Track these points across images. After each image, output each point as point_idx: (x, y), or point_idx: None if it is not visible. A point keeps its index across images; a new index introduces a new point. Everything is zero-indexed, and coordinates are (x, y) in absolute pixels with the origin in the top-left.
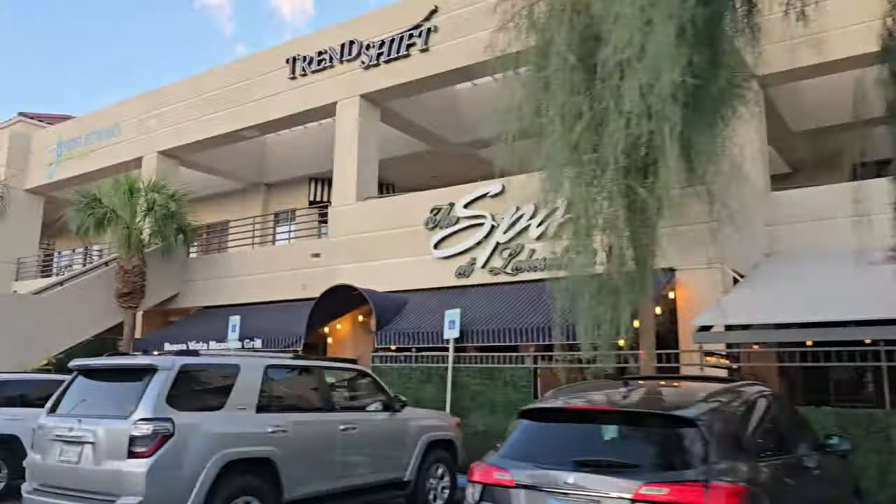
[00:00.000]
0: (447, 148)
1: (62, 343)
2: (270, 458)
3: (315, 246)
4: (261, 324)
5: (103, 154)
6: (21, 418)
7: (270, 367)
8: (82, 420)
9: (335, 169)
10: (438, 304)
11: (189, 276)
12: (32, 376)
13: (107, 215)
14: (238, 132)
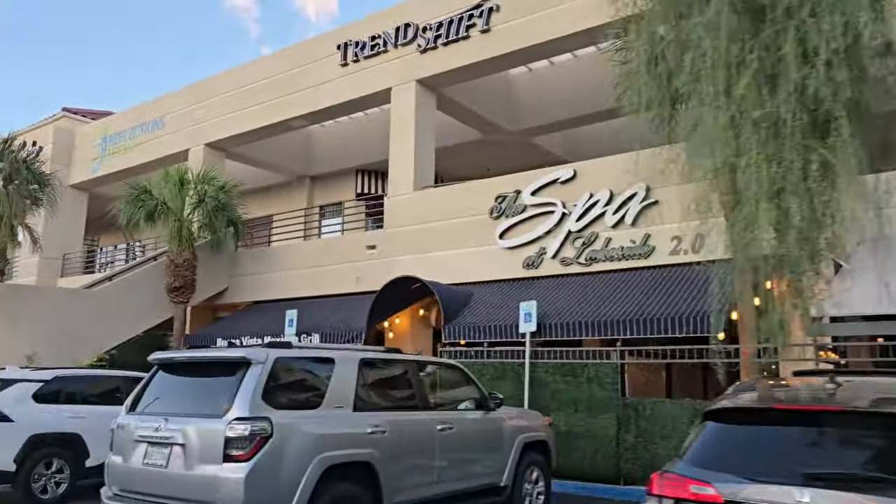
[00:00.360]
0: (501, 136)
1: (114, 338)
2: (370, 462)
3: (370, 238)
4: (316, 318)
5: (148, 147)
6: (83, 416)
7: (365, 360)
8: (169, 419)
9: (391, 158)
10: (506, 296)
11: (237, 271)
12: (93, 372)
13: (157, 207)
14: (286, 122)
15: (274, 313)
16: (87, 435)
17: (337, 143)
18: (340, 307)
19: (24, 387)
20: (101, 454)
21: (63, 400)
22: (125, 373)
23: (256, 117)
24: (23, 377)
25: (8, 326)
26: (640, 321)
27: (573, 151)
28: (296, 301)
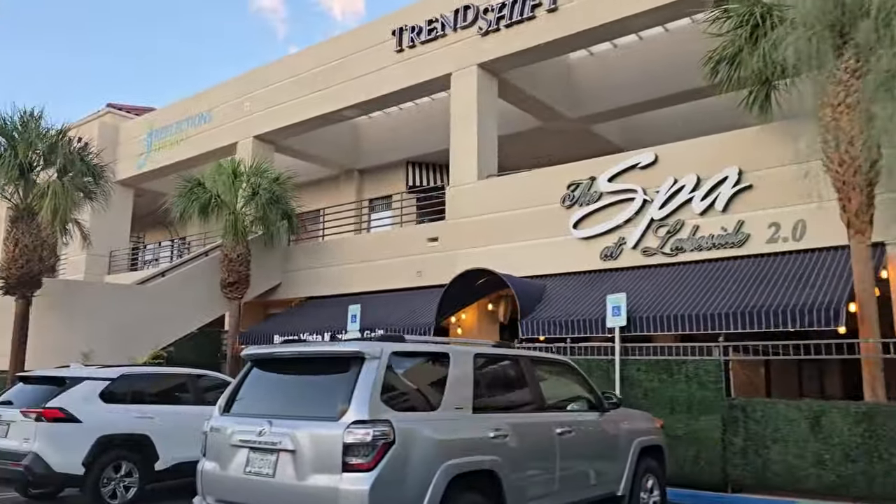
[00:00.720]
0: (560, 124)
1: (169, 335)
2: (495, 470)
3: (431, 230)
4: (377, 314)
5: (196, 141)
6: (151, 416)
7: (479, 355)
8: (273, 422)
9: (452, 146)
10: (583, 289)
11: (290, 266)
12: (160, 369)
13: (211, 200)
14: (338, 112)
15: (331, 309)
16: (156, 436)
17: (386, 134)
18: (402, 302)
19: (91, 385)
20: (169, 456)
21: (130, 399)
22: (191, 370)
23: (307, 108)
24: (89, 375)
25: (64, 322)
26: (746, 314)
27: (632, 140)
28: (353, 296)
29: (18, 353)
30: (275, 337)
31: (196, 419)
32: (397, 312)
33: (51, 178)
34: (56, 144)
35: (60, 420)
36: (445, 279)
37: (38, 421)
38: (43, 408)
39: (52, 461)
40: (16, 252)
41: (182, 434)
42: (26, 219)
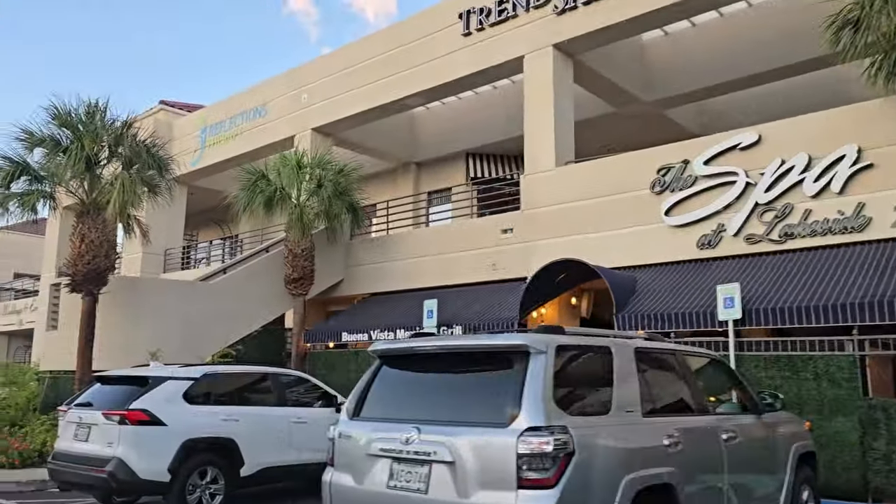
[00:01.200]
0: (634, 108)
1: (235, 332)
2: (672, 483)
3: (505, 221)
4: (451, 309)
5: (251, 136)
6: (236, 418)
7: (639, 350)
8: (422, 429)
9: (526, 132)
10: (680, 280)
11: (353, 261)
12: (244, 368)
13: (276, 193)
14: (400, 101)
15: (400, 304)
16: (241, 439)
17: (444, 126)
18: (477, 296)
19: (175, 385)
20: (255, 461)
21: (213, 400)
22: (273, 369)
23: (368, 98)
24: (172, 374)
25: (129, 320)
26: (885, 304)
27: (707, 124)
28: (421, 291)
29: (85, 352)
30: (342, 334)
31: (280, 421)
32: (473, 307)
33: (116, 172)
34: (122, 136)
35: (145, 423)
36: (521, 272)
37: (121, 424)
38: (126, 410)
39: (136, 467)
40: (82, 248)
41: (267, 437)
42: (92, 214)
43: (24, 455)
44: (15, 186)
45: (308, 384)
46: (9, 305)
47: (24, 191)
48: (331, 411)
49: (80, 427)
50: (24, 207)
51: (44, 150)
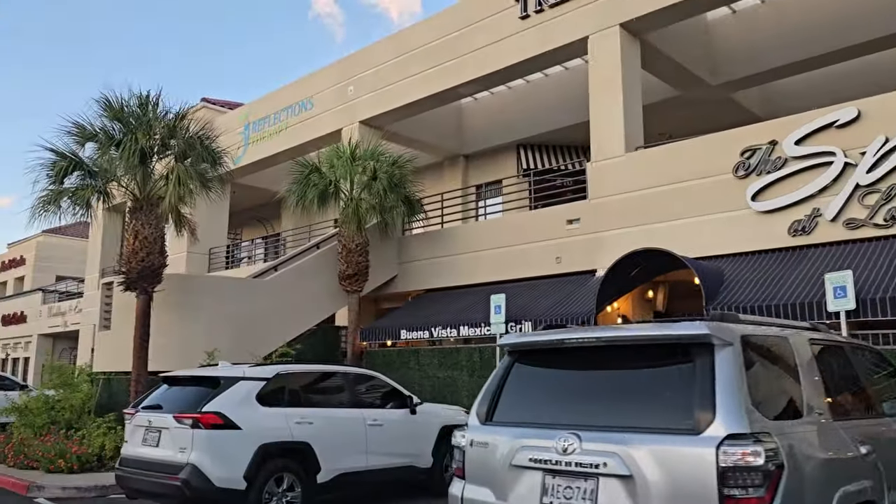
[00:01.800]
0: (699, 92)
1: (290, 330)
2: (875, 501)
3: (570, 211)
4: (517, 304)
5: (296, 131)
6: (310, 420)
7: (814, 342)
8: (583, 435)
9: (592, 117)
10: (773, 269)
11: (405, 257)
12: (316, 367)
13: (329, 186)
14: (454, 90)
15: (459, 300)
16: (317, 444)
17: (494, 117)
18: (543, 290)
19: (248, 386)
20: (331, 467)
21: (287, 401)
22: (346, 368)
23: (418, 87)
24: (243, 374)
25: (183, 319)
26: None
27: (774, 108)
28: (480, 287)
29: (141, 353)
30: (401, 332)
31: (355, 423)
32: (542, 301)
33: (168, 165)
34: (175, 128)
35: (219, 427)
36: (587, 265)
37: (194, 428)
38: (199, 413)
39: (212, 474)
40: (135, 245)
41: (342, 441)
42: (145, 209)
43: (82, 459)
44: (67, 182)
45: (381, 384)
46: (53, 307)
47: (78, 185)
48: (405, 413)
49: (150, 431)
50: (77, 204)
51: (95, 145)
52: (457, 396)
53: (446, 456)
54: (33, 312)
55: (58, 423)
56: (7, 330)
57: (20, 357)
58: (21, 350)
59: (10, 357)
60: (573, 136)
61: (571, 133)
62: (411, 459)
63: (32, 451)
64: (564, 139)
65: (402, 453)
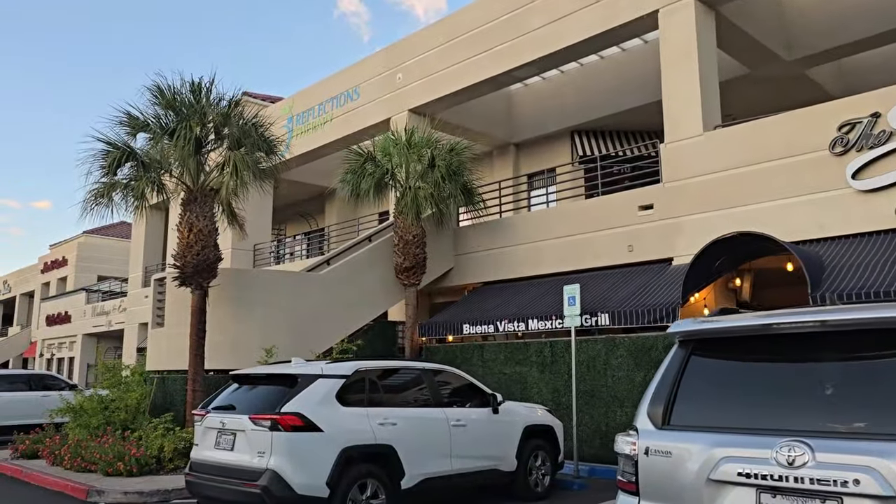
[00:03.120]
0: (771, 69)
1: (347, 326)
2: None
3: (643, 196)
4: (588, 295)
5: (342, 122)
6: (393, 421)
7: None
8: (816, 445)
9: (665, 95)
10: (882, 254)
11: (461, 248)
12: (395, 363)
13: (386, 175)
14: (510, 73)
15: (524, 293)
16: (400, 446)
17: (546, 103)
18: (616, 281)
19: (327, 384)
20: (415, 472)
21: (367, 401)
22: (425, 364)
23: (472, 72)
24: (321, 372)
25: (238, 315)
26: None
27: (848, 85)
28: (544, 278)
29: (197, 350)
30: (464, 326)
31: (438, 424)
32: (617, 292)
33: (222, 154)
34: (229, 116)
35: (300, 429)
36: (663, 253)
37: (273, 430)
38: (278, 413)
39: (293, 481)
40: (190, 237)
41: (426, 443)
42: (199, 201)
43: (140, 461)
44: (119, 174)
45: (461, 380)
46: (97, 307)
47: (132, 176)
48: (488, 412)
49: (223, 434)
50: (132, 196)
51: (147, 136)
52: (526, 394)
53: (530, 458)
54: (77, 312)
55: (113, 424)
56: (51, 330)
57: (65, 357)
58: (66, 350)
59: (55, 357)
60: (632, 120)
61: (630, 117)
62: (495, 462)
63: (89, 453)
64: (623, 124)
65: (486, 456)
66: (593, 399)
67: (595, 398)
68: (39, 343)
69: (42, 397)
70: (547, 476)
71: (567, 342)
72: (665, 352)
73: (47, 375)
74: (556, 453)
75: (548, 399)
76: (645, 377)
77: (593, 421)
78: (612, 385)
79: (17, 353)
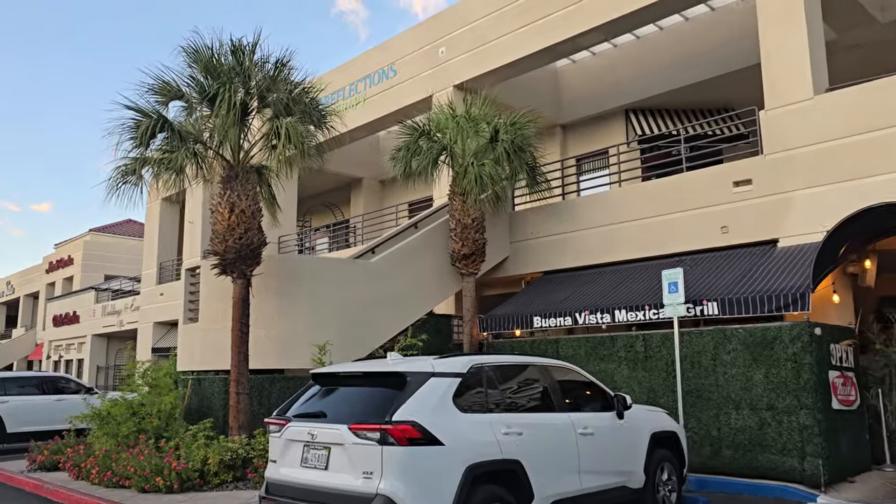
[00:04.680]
0: (864, 33)
1: (401, 320)
2: None
3: (739, 170)
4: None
5: (377, 102)
6: (517, 430)
7: None
8: None
9: (764, 57)
10: None
11: (517, 235)
12: (516, 359)
13: (443, 151)
14: (572, 40)
15: (598, 282)
16: (528, 462)
17: (597, 81)
18: (710, 267)
19: (441, 385)
20: (545, 492)
21: (486, 405)
22: (541, 360)
23: (526, 42)
24: (432, 370)
25: (284, 306)
26: None
27: None
28: (619, 265)
29: (241, 347)
30: (535, 319)
31: (565, 433)
32: (718, 279)
33: (265, 124)
34: (276, 79)
35: (418, 442)
36: (765, 234)
37: (384, 444)
38: (390, 422)
39: None
40: (231, 219)
41: (554, 457)
42: (241, 178)
43: (182, 476)
44: (152, 146)
45: (581, 379)
46: (107, 306)
47: (167, 148)
48: (612, 417)
49: (312, 448)
50: (169, 169)
51: (181, 104)
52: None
53: (656, 473)
54: (86, 312)
55: (145, 432)
56: (59, 331)
57: (73, 359)
58: (74, 351)
59: (62, 359)
60: (692, 97)
61: (690, 94)
62: (623, 478)
63: (121, 465)
64: (685, 101)
65: (614, 471)
66: (699, 400)
67: (702, 399)
68: (46, 345)
69: (56, 401)
70: (674, 493)
71: (664, 335)
72: (792, 345)
73: (60, 378)
74: (681, 465)
75: (642, 401)
76: (766, 375)
77: (701, 426)
78: (724, 384)
79: (22, 356)
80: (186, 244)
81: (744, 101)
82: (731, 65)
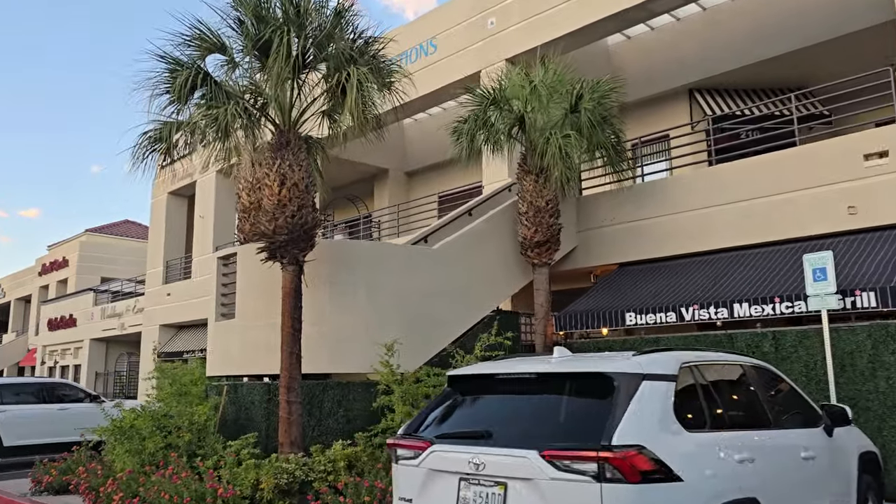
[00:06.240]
0: None
1: (468, 316)
2: None
3: (872, 141)
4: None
5: (415, 80)
6: (751, 456)
7: None
8: None
9: None
10: None
11: (586, 223)
12: (724, 356)
13: (515, 125)
14: (644, 6)
15: (696, 273)
16: (765, 500)
17: (656, 57)
18: (846, 253)
19: (657, 392)
20: None
21: (707, 420)
22: (746, 359)
23: (591, 8)
24: (642, 369)
25: (337, 299)
26: None
27: None
28: (713, 254)
29: (292, 346)
30: (627, 315)
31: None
32: (858, 266)
33: (320, 80)
34: (335, 28)
35: (651, 477)
36: None
37: (602, 481)
38: (609, 448)
39: None
40: (283, 193)
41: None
42: (294, 145)
43: (229, 503)
44: (190, 103)
45: (784, 385)
46: (107, 309)
47: (211, 104)
48: (821, 434)
49: (476, 484)
50: (214, 131)
51: (222, 59)
52: None
53: (867, 500)
54: (84, 315)
55: (177, 449)
56: (53, 335)
57: (69, 364)
58: (70, 357)
59: (57, 364)
60: (765, 74)
61: (763, 70)
62: None
63: (151, 491)
64: (754, 79)
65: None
66: (854, 410)
67: (857, 410)
68: (40, 350)
69: (59, 411)
70: None
71: (800, 332)
72: None
73: (61, 384)
74: (882, 491)
75: None
76: None
77: None
78: (887, 391)
79: (12, 362)
80: (197, 240)
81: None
82: (812, 38)
